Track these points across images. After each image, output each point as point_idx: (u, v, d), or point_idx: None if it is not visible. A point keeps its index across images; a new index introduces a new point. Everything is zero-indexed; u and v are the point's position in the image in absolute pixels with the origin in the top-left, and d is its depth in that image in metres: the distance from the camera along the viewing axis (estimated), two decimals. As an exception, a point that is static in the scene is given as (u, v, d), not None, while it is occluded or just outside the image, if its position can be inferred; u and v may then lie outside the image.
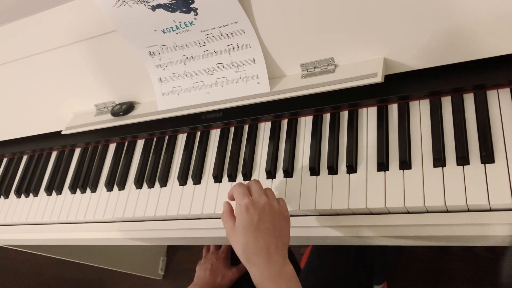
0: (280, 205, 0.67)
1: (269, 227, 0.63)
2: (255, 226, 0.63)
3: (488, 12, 0.64)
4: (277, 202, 0.67)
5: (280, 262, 0.62)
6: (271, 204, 0.65)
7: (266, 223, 0.63)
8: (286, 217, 0.66)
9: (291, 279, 0.62)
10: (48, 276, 2.03)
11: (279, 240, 0.63)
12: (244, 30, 0.76)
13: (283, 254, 0.63)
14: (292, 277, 0.62)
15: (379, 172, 0.71)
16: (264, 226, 0.63)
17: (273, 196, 0.68)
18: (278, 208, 0.66)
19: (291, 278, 0.62)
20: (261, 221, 0.63)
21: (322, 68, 0.78)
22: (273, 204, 0.65)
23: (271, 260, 0.62)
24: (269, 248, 0.62)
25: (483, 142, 0.65)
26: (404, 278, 1.44)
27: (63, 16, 0.84)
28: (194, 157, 0.89)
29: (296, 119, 0.83)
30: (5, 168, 1.15)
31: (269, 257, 0.62)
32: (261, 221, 0.63)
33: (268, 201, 0.65)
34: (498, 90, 0.69)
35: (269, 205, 0.65)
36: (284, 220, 0.66)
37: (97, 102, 0.99)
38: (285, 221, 0.66)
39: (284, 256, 0.63)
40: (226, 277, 0.99)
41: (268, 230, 0.63)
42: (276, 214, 0.65)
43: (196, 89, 0.87)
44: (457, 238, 0.65)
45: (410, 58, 0.72)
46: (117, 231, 0.91)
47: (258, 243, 0.62)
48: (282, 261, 0.62)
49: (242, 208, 0.64)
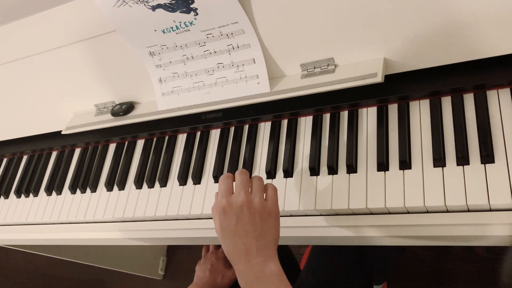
0: (266, 199, 0.63)
1: (248, 228, 0.60)
2: (233, 230, 0.61)
3: (488, 12, 0.64)
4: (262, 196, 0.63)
5: (260, 264, 0.59)
6: (251, 201, 0.61)
7: (244, 225, 0.60)
8: (270, 212, 0.62)
9: (273, 280, 0.59)
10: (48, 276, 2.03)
11: (261, 240, 0.60)
12: (244, 30, 0.76)
13: (266, 254, 0.60)
14: (274, 277, 0.59)
15: (379, 172, 0.71)
16: (242, 228, 0.60)
17: (257, 189, 0.63)
18: (260, 204, 0.61)
19: (273, 278, 0.59)
20: (239, 223, 0.60)
21: (322, 68, 0.78)
22: (254, 201, 0.61)
23: (251, 263, 0.59)
24: (249, 251, 0.60)
25: (483, 142, 0.65)
26: (404, 278, 1.44)
27: (63, 16, 0.84)
28: (194, 157, 0.89)
29: (296, 119, 0.83)
30: (5, 168, 1.15)
31: (249, 260, 0.59)
32: (239, 223, 0.60)
33: (246, 198, 0.61)
34: (498, 90, 0.69)
35: (247, 204, 0.61)
36: (268, 216, 0.61)
37: (97, 102, 0.99)
38: (268, 216, 0.62)
39: (266, 256, 0.60)
40: (226, 276, 0.99)
41: (247, 232, 0.60)
42: (256, 212, 0.61)
43: (196, 89, 0.87)
44: (457, 238, 0.65)
45: (410, 58, 0.72)
46: (117, 231, 0.91)
47: (237, 247, 0.60)
48: (263, 263, 0.59)
49: (220, 211, 0.62)
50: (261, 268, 0.59)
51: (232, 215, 0.61)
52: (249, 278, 0.60)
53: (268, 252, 0.60)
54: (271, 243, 0.61)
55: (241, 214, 0.61)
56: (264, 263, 0.59)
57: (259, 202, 0.62)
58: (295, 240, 0.76)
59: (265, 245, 0.60)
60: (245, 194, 0.62)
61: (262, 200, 0.62)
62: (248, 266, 0.60)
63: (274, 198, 0.64)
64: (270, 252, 0.61)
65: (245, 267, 0.60)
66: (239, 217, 0.61)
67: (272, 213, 0.62)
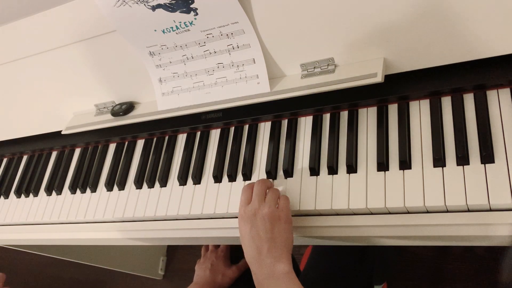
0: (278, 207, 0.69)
1: (260, 233, 0.67)
2: (249, 235, 0.67)
3: (488, 12, 0.64)
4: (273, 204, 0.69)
5: (271, 264, 0.65)
6: (262, 209, 0.68)
7: (258, 230, 0.67)
8: (280, 218, 0.68)
9: (283, 279, 0.64)
10: (48, 276, 2.03)
11: (272, 242, 0.66)
12: (244, 30, 0.76)
13: (276, 255, 0.65)
14: (284, 276, 0.64)
15: (379, 172, 0.71)
16: (256, 233, 0.67)
17: (271, 198, 0.70)
18: (270, 211, 0.67)
19: (283, 277, 0.64)
20: (253, 229, 0.67)
21: (322, 68, 0.78)
22: (265, 209, 0.68)
23: (262, 264, 0.65)
24: (261, 252, 0.66)
25: (483, 142, 0.65)
26: (404, 278, 1.44)
27: (63, 16, 0.84)
28: (194, 157, 0.89)
29: (296, 119, 0.83)
30: (5, 168, 1.15)
31: (261, 261, 0.65)
32: (253, 229, 0.67)
33: (259, 206, 0.68)
34: (498, 90, 0.69)
35: (259, 211, 0.68)
36: (278, 221, 0.67)
37: (97, 102, 0.99)
38: (278, 221, 0.67)
39: (277, 257, 0.65)
40: (226, 275, 0.99)
41: (259, 236, 0.66)
42: (267, 218, 0.67)
43: (196, 89, 0.87)
44: (457, 238, 0.65)
45: (410, 58, 0.72)
46: (117, 231, 0.90)
47: (252, 250, 0.67)
48: (273, 263, 0.65)
49: (239, 219, 0.70)
50: (271, 268, 0.64)
51: (248, 222, 0.68)
52: (261, 277, 0.65)
53: (278, 253, 0.65)
54: (282, 245, 0.67)
55: (254, 221, 0.68)
56: (275, 263, 0.65)
57: (270, 209, 0.68)
58: (295, 240, 0.76)
59: (275, 247, 0.66)
60: (258, 203, 0.69)
61: (273, 208, 0.68)
62: (260, 266, 0.65)
63: (284, 206, 0.70)
64: (281, 253, 0.66)
65: (257, 268, 0.66)
66: (253, 223, 0.68)
67: (281, 218, 0.68)
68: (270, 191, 0.72)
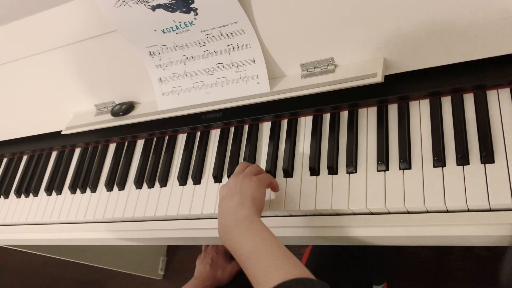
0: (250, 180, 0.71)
1: (231, 191, 0.69)
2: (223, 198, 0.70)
3: (488, 12, 0.64)
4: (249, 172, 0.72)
5: (234, 211, 0.66)
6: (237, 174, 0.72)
7: (228, 190, 0.70)
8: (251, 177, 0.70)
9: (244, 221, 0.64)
10: (48, 276, 2.03)
11: (238, 196, 0.67)
12: (244, 30, 0.76)
13: (242, 204, 0.66)
14: (245, 218, 0.65)
15: (379, 172, 0.71)
16: (227, 193, 0.70)
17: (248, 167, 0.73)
18: (243, 174, 0.71)
19: (244, 220, 0.65)
20: (228, 191, 0.70)
21: (322, 68, 0.78)
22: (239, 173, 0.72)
23: (229, 214, 0.66)
24: (230, 207, 0.67)
25: (483, 142, 0.65)
26: (404, 278, 1.44)
27: (63, 16, 0.84)
28: (194, 157, 0.89)
29: (296, 119, 0.83)
30: (5, 168, 1.15)
31: (228, 213, 0.67)
32: (228, 191, 0.70)
33: (235, 173, 0.72)
34: (498, 90, 0.69)
35: (233, 176, 0.72)
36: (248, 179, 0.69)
37: (97, 102, 0.99)
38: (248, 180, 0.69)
39: (241, 206, 0.66)
40: (227, 270, 0.99)
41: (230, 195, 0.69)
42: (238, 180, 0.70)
43: (196, 89, 0.87)
44: (457, 238, 0.65)
45: (410, 58, 0.72)
46: (117, 231, 0.90)
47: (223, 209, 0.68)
48: (236, 210, 0.66)
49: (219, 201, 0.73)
50: (235, 215, 0.66)
51: (224, 189, 0.71)
52: (228, 227, 0.66)
53: (244, 203, 0.67)
54: (248, 197, 0.68)
55: (228, 184, 0.71)
56: (237, 210, 0.66)
57: (244, 173, 0.71)
58: (295, 240, 0.76)
59: (242, 199, 0.67)
60: (236, 172, 0.73)
61: (247, 172, 0.72)
62: (228, 217, 0.66)
63: (257, 170, 0.74)
64: (246, 203, 0.67)
65: (225, 219, 0.67)
66: (228, 186, 0.71)
67: (253, 178, 0.70)
68: (252, 165, 0.74)
